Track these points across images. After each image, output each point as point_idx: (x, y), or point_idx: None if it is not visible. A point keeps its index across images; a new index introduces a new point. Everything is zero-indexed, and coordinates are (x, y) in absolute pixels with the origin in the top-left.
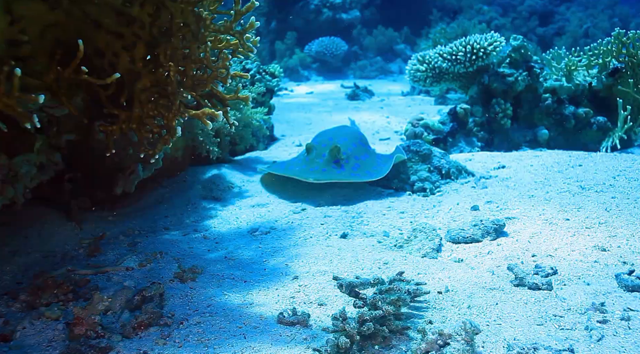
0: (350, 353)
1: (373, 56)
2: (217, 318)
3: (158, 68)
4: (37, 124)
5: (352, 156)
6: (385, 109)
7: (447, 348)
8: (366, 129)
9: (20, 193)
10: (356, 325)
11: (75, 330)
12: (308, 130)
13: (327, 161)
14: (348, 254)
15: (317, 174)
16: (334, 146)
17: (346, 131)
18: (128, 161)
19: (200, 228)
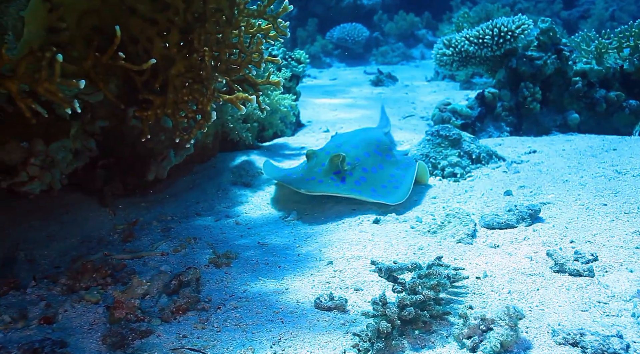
0: (391, 338)
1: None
2: (253, 303)
3: (192, 53)
4: (78, 109)
5: (360, 167)
6: (411, 95)
7: (490, 333)
8: (392, 114)
9: (57, 179)
10: (397, 310)
11: (116, 313)
12: (334, 116)
13: (326, 171)
14: (382, 240)
15: (310, 185)
16: (335, 155)
17: (363, 136)
18: (160, 147)
19: (232, 214)
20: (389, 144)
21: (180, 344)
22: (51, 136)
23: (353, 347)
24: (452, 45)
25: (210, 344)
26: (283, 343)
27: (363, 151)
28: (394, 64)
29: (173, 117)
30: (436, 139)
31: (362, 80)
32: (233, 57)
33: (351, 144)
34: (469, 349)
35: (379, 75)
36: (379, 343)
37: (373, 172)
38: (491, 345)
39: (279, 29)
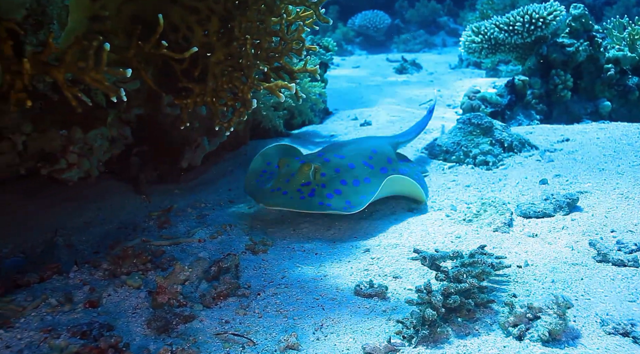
0: (436, 325)
1: (415, 29)
2: (293, 290)
3: (232, 41)
4: (124, 97)
5: (338, 179)
6: (436, 83)
7: (538, 322)
8: (417, 102)
9: (95, 166)
10: (442, 298)
11: (159, 299)
12: (361, 104)
13: (294, 182)
14: (417, 228)
15: (271, 197)
16: (305, 164)
17: (357, 145)
18: (194, 135)
19: None
20: (389, 156)
21: (223, 329)
22: (89, 124)
23: (396, 334)
24: (482, 33)
25: (253, 330)
26: (325, 329)
27: (349, 161)
28: (416, 52)
29: (212, 105)
30: (468, 127)
31: (385, 67)
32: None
33: (336, 153)
34: (515, 338)
35: (403, 62)
36: (423, 330)
37: (354, 185)
38: (539, 333)
39: (321, 16)
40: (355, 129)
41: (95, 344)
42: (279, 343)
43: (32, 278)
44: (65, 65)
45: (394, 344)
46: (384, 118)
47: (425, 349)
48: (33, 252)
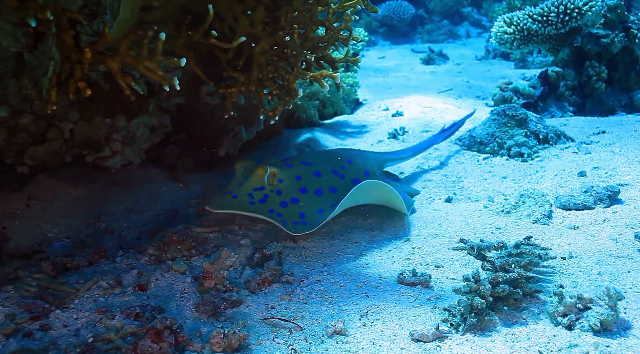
0: (484, 314)
1: (439, 20)
2: (335, 277)
3: (277, 31)
4: (177, 86)
5: (297, 187)
6: (464, 74)
7: (589, 312)
8: (445, 94)
9: (137, 154)
10: (490, 286)
11: (205, 283)
12: (389, 95)
13: (247, 187)
14: (456, 219)
15: (220, 201)
16: (260, 167)
17: (330, 153)
18: (232, 124)
19: None
20: (367, 169)
21: (270, 314)
22: (132, 113)
23: (443, 321)
24: (514, 23)
25: (299, 315)
26: (371, 316)
27: (315, 169)
28: (440, 43)
29: (257, 94)
30: (502, 119)
31: (411, 58)
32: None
33: (303, 159)
34: (564, 327)
35: (430, 53)
36: (471, 318)
37: (316, 194)
38: (590, 324)
39: (369, 5)
40: (387, 120)
41: (151, 325)
42: (327, 328)
43: (81, 262)
44: (120, 55)
45: (441, 331)
46: (415, 109)
47: (473, 336)
48: (77, 237)
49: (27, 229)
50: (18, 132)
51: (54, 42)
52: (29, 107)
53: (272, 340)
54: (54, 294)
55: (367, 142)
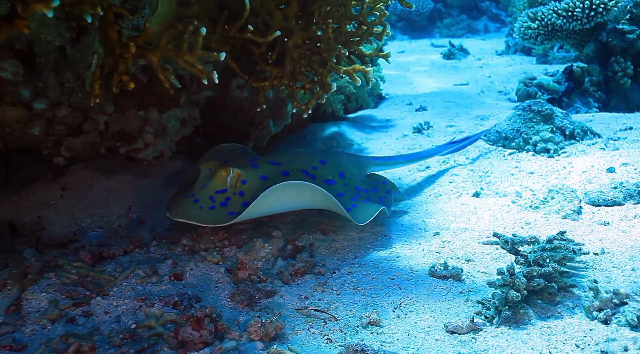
0: (519, 307)
1: (457, 14)
2: (367, 269)
3: (311, 25)
4: (216, 80)
5: (260, 189)
6: (485, 69)
7: (625, 307)
8: (468, 89)
9: (168, 146)
10: (525, 280)
11: (239, 274)
12: (411, 89)
13: (209, 189)
14: (485, 213)
15: (179, 206)
16: (223, 169)
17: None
18: (260, 117)
19: None
20: (344, 171)
21: (304, 305)
22: (164, 106)
23: (477, 314)
24: (538, 19)
25: (333, 306)
26: (404, 308)
27: (284, 169)
28: (459, 37)
29: (289, 87)
30: (528, 114)
31: (431, 53)
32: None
33: (272, 159)
34: (600, 322)
35: (451, 48)
36: (506, 311)
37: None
38: (627, 318)
39: (404, 1)
40: (410, 114)
41: (191, 313)
42: (361, 319)
43: (117, 251)
44: (161, 49)
45: (476, 324)
46: (439, 104)
47: (507, 329)
48: (110, 227)
49: (61, 219)
50: (56, 124)
51: (96, 37)
52: (67, 100)
53: (307, 330)
54: (94, 282)
55: (392, 136)
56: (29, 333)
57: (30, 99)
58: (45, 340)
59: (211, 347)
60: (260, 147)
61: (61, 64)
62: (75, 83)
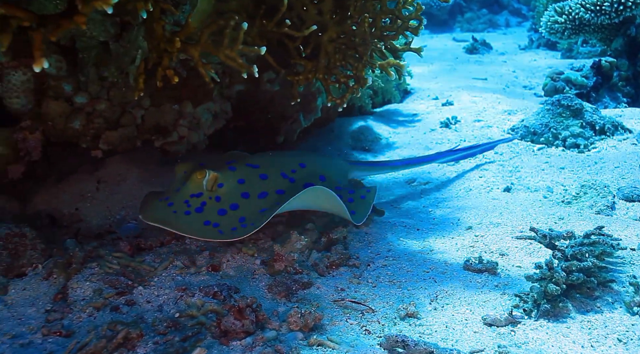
0: (558, 301)
1: (478, 9)
2: (401, 262)
3: (345, 20)
4: (256, 74)
5: (238, 192)
6: (510, 63)
7: None
8: (493, 83)
9: (202, 139)
10: (564, 274)
11: (276, 265)
12: (436, 83)
13: (184, 192)
14: (517, 208)
15: (153, 209)
16: (198, 172)
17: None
18: (291, 111)
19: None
20: (324, 174)
21: (340, 297)
22: (197, 99)
23: (514, 307)
24: (565, 13)
25: (369, 298)
26: (440, 300)
27: (262, 171)
28: (480, 32)
29: (324, 81)
30: (557, 109)
31: (453, 47)
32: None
33: (249, 162)
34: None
35: (474, 42)
36: (545, 304)
37: (259, 198)
38: None
39: None
40: (437, 109)
41: (234, 303)
42: (398, 311)
43: (154, 242)
44: (202, 44)
45: (514, 317)
46: (466, 98)
47: (547, 322)
48: None
49: (97, 211)
50: (95, 118)
51: (140, 32)
52: (106, 94)
53: (345, 321)
54: (135, 272)
55: (419, 130)
56: (76, 320)
57: (72, 94)
58: (92, 327)
59: (253, 336)
60: (291, 140)
61: (103, 58)
62: (120, 77)
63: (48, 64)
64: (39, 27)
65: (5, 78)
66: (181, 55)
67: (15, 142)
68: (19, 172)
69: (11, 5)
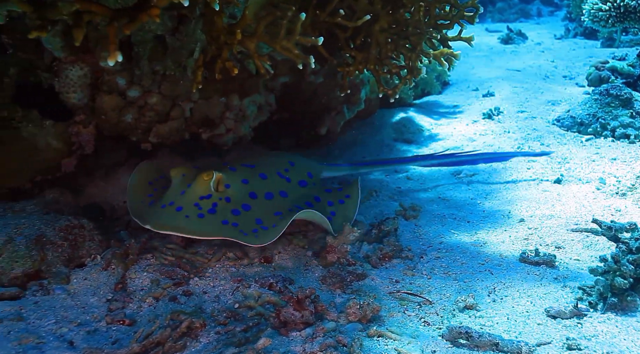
0: (626, 294)
1: None
2: (455, 254)
3: (398, 9)
4: (312, 65)
5: (245, 192)
6: (547, 53)
7: None
8: (532, 74)
9: (248, 131)
10: (632, 268)
11: (328, 257)
12: (473, 74)
13: (191, 195)
14: (569, 200)
15: (160, 216)
16: (205, 173)
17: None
18: (335, 103)
19: (400, 169)
20: (310, 171)
21: (396, 289)
22: (243, 92)
23: (579, 300)
24: (610, 0)
25: (425, 290)
26: (499, 292)
27: (260, 171)
28: (512, 22)
29: (375, 72)
30: (605, 99)
31: (487, 38)
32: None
33: (244, 162)
34: None
35: (509, 32)
36: (611, 297)
37: (266, 198)
38: None
39: None
40: (477, 100)
41: (292, 294)
42: (457, 302)
43: None
44: (258, 35)
45: (580, 309)
46: (507, 89)
47: (614, 316)
48: None
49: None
50: (146, 111)
51: (198, 25)
52: (157, 88)
53: (402, 313)
54: (189, 263)
55: (461, 122)
56: (137, 309)
57: (126, 88)
58: (153, 316)
59: (313, 327)
60: (334, 132)
61: (155, 52)
62: (177, 70)
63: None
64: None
65: (62, 73)
66: (237, 47)
67: (69, 136)
68: (72, 165)
69: (86, 0)
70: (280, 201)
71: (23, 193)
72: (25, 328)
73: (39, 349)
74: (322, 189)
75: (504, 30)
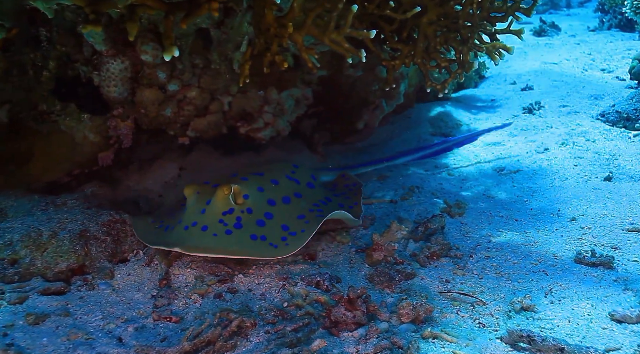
0: None
1: None
2: (505, 254)
3: (447, 1)
4: (364, 59)
5: (264, 200)
6: (583, 46)
7: None
8: (569, 67)
9: (286, 125)
10: None
11: (374, 255)
12: (508, 68)
13: (213, 212)
14: (622, 198)
15: (188, 237)
16: (225, 187)
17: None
18: (373, 97)
19: (440, 165)
20: (312, 173)
21: (446, 289)
22: (281, 85)
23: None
24: None
25: (477, 290)
26: (556, 294)
27: (270, 177)
28: (542, 13)
29: (422, 66)
30: None
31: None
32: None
33: (252, 171)
34: None
35: (542, 24)
36: None
37: (284, 203)
38: None
39: None
40: (516, 94)
41: (342, 293)
42: (512, 304)
43: None
44: (306, 28)
45: None
46: (545, 83)
47: None
48: None
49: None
50: (185, 105)
51: (246, 18)
52: (197, 81)
53: (455, 313)
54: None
55: (501, 116)
56: (183, 306)
57: (166, 81)
58: (199, 314)
59: (366, 327)
60: (372, 127)
61: (195, 46)
62: (223, 64)
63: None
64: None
65: (103, 67)
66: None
67: (107, 130)
68: (109, 159)
69: None
70: (297, 203)
71: (60, 186)
72: (73, 323)
73: (89, 345)
74: (327, 190)
75: (534, 22)
